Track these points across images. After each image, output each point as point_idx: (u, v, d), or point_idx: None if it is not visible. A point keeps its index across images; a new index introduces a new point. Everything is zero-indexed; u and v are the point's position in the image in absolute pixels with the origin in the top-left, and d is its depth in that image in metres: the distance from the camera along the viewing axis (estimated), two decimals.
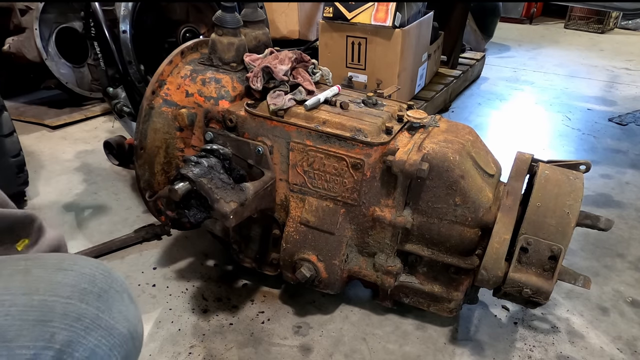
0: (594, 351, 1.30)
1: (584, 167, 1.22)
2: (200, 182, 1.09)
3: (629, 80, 3.68)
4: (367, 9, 2.26)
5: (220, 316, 1.39)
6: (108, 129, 2.66)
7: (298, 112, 1.22)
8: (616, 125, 2.83)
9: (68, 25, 2.75)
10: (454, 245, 1.20)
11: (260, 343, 1.30)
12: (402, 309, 1.41)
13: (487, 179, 1.21)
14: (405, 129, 1.24)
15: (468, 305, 1.39)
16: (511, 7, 5.74)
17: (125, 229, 1.71)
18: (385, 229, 1.23)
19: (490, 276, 1.09)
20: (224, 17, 1.29)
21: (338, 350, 1.28)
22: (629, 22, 5.50)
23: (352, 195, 1.22)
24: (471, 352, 1.29)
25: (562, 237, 1.07)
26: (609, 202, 2.03)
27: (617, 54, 4.45)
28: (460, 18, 3.16)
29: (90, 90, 2.86)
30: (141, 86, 1.84)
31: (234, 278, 1.53)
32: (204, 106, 1.29)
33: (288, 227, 1.30)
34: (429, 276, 1.28)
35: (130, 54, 1.80)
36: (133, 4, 1.81)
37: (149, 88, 1.32)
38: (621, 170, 2.29)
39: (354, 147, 1.17)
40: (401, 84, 2.40)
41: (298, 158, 1.23)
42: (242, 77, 1.32)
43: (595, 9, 4.86)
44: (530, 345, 1.32)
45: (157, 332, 1.33)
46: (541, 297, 1.10)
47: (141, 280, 1.51)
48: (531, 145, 2.54)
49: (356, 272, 1.30)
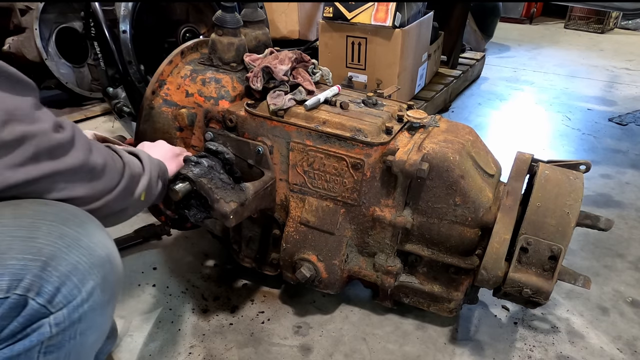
0: (594, 351, 1.30)
1: (584, 167, 1.22)
2: (200, 182, 1.09)
3: (629, 80, 3.68)
4: (367, 9, 2.26)
5: (220, 316, 1.39)
6: (108, 129, 2.66)
7: (298, 112, 1.22)
8: (616, 125, 2.83)
9: (68, 25, 2.75)
10: (454, 245, 1.20)
11: (260, 343, 1.30)
12: (402, 309, 1.41)
13: (487, 179, 1.21)
14: (405, 129, 1.24)
15: (468, 305, 1.39)
16: (511, 7, 5.74)
17: (125, 229, 1.71)
18: (385, 229, 1.23)
19: (490, 276, 1.09)
20: (224, 17, 1.29)
21: (338, 350, 1.29)
22: (629, 22, 5.50)
23: (352, 195, 1.22)
24: (471, 352, 1.29)
25: (562, 237, 1.07)
26: (609, 202, 2.03)
27: (617, 54, 4.45)
28: (460, 18, 3.16)
29: (90, 90, 2.86)
30: (141, 86, 1.84)
31: (234, 278, 1.53)
32: (204, 106, 1.29)
33: (288, 227, 1.30)
34: (429, 276, 1.28)
35: (130, 54, 1.80)
36: (133, 4, 1.81)
37: (149, 88, 1.32)
38: (621, 170, 2.29)
39: (354, 147, 1.17)
40: (401, 84, 2.40)
41: (298, 158, 1.23)
42: (242, 77, 1.32)
43: (595, 9, 4.86)
44: (530, 345, 1.32)
45: (157, 332, 1.33)
46: (541, 297, 1.10)
47: (141, 280, 1.51)
48: (531, 145, 2.54)
49: (356, 272, 1.30)
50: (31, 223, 0.64)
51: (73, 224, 0.68)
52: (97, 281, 0.68)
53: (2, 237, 0.61)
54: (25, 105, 0.66)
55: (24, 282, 0.61)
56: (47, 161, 0.68)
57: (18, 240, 0.62)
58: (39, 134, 0.67)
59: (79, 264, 0.66)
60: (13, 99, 0.65)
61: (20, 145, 0.65)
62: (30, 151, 0.66)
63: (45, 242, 0.63)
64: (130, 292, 1.46)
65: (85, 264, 0.67)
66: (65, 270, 0.64)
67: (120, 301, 1.42)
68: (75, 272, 0.65)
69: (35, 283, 0.62)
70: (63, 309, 0.64)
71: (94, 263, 0.68)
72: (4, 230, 0.62)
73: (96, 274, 0.68)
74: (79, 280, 0.65)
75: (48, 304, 0.63)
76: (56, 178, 0.70)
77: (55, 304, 0.64)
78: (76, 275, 0.65)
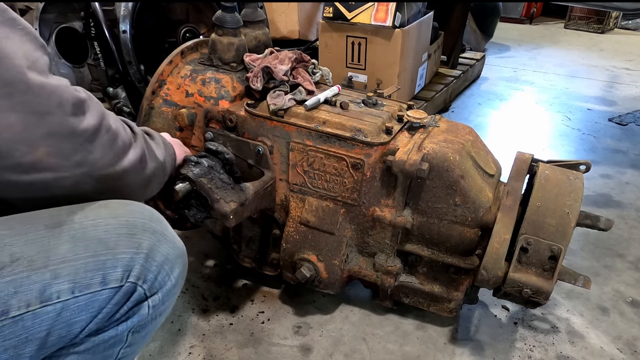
0: (594, 351, 1.30)
1: (584, 167, 1.22)
2: (200, 182, 1.09)
3: (629, 80, 3.68)
4: (367, 9, 2.26)
5: (220, 316, 1.39)
6: None
7: (298, 112, 1.22)
8: (616, 125, 2.83)
9: (68, 25, 2.75)
10: (454, 245, 1.20)
11: (260, 343, 1.30)
12: (402, 309, 1.41)
13: (487, 179, 1.21)
14: (405, 129, 1.24)
15: (468, 305, 1.39)
16: (511, 7, 5.74)
17: None
18: (385, 229, 1.23)
19: (490, 276, 1.09)
20: (224, 17, 1.29)
21: (338, 350, 1.29)
22: (629, 22, 5.50)
23: (352, 195, 1.22)
24: (471, 352, 1.29)
25: (562, 237, 1.07)
26: (609, 202, 2.03)
27: (617, 54, 4.45)
28: (460, 18, 3.16)
29: (91, 90, 2.85)
30: (141, 86, 1.84)
31: (234, 278, 1.53)
32: (204, 106, 1.29)
33: (288, 227, 1.30)
34: (429, 276, 1.28)
35: (130, 54, 1.81)
36: (133, 4, 1.81)
37: (149, 88, 1.32)
38: (621, 170, 2.29)
39: (354, 147, 1.17)
40: (401, 84, 2.40)
41: (298, 158, 1.23)
42: (242, 77, 1.32)
43: (595, 9, 4.86)
44: (530, 345, 1.32)
45: (157, 332, 1.32)
46: (541, 297, 1.10)
47: None
48: (531, 145, 2.54)
49: (356, 272, 1.30)
50: (127, 221, 0.73)
51: (156, 220, 0.78)
52: (180, 269, 0.81)
53: (110, 235, 0.71)
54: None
55: (134, 272, 0.71)
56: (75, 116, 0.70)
57: (123, 237, 0.72)
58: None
59: (169, 255, 0.77)
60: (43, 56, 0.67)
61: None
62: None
63: (144, 237, 0.73)
64: None
65: (173, 255, 0.78)
66: (160, 260, 0.75)
67: None
68: (167, 261, 0.76)
69: (143, 272, 0.72)
70: (158, 293, 0.76)
71: (178, 254, 0.80)
72: (109, 229, 0.71)
73: (180, 263, 0.80)
74: (169, 269, 0.77)
75: (149, 290, 0.74)
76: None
77: (153, 289, 0.75)
78: (167, 264, 0.76)
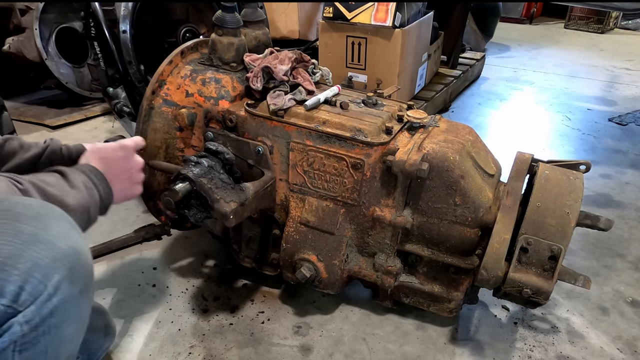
0: (594, 351, 1.30)
1: (584, 167, 1.22)
2: (200, 182, 1.09)
3: (629, 80, 3.68)
4: (367, 9, 2.26)
5: (220, 316, 1.39)
6: (108, 129, 2.66)
7: (298, 112, 1.22)
8: (616, 125, 2.83)
9: (68, 25, 2.75)
10: (454, 245, 1.20)
11: (260, 343, 1.30)
12: (402, 309, 1.40)
13: (487, 179, 1.21)
14: (405, 129, 1.24)
15: (468, 305, 1.39)
16: (511, 7, 5.74)
17: (125, 229, 1.71)
18: (385, 229, 1.23)
19: (490, 276, 1.09)
20: (224, 17, 1.29)
21: (338, 350, 1.28)
22: (629, 22, 5.50)
23: (352, 195, 1.22)
24: (471, 352, 1.29)
25: (562, 237, 1.07)
26: (609, 202, 2.03)
27: (617, 54, 4.45)
28: (460, 18, 3.16)
29: (90, 90, 2.86)
30: (141, 86, 1.84)
31: (234, 278, 1.53)
32: (204, 106, 1.29)
33: (288, 227, 1.30)
34: (429, 276, 1.28)
35: (130, 54, 1.80)
36: (133, 4, 1.81)
37: (149, 88, 1.32)
38: (621, 170, 2.29)
39: (354, 147, 1.17)
40: (401, 84, 2.40)
41: (298, 158, 1.23)
42: (242, 77, 1.32)
43: (595, 9, 4.86)
44: (530, 345, 1.32)
45: (157, 332, 1.33)
46: (541, 297, 1.10)
47: (141, 280, 1.51)
48: (531, 145, 2.54)
49: (356, 272, 1.30)
50: None
51: (27, 218, 0.66)
52: (63, 274, 0.66)
53: None
54: None
55: None
56: None
57: None
58: None
59: (39, 260, 0.64)
60: None
61: None
62: None
63: (0, 242, 0.62)
64: (130, 292, 1.46)
65: (47, 258, 0.65)
66: (25, 268, 0.63)
67: (120, 301, 1.43)
68: (37, 267, 0.64)
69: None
70: (31, 306, 0.63)
71: (57, 256, 0.66)
72: None
73: (61, 266, 0.66)
74: (42, 276, 0.64)
75: (14, 303, 0.62)
76: None
77: (21, 303, 0.63)
78: (38, 271, 0.64)
